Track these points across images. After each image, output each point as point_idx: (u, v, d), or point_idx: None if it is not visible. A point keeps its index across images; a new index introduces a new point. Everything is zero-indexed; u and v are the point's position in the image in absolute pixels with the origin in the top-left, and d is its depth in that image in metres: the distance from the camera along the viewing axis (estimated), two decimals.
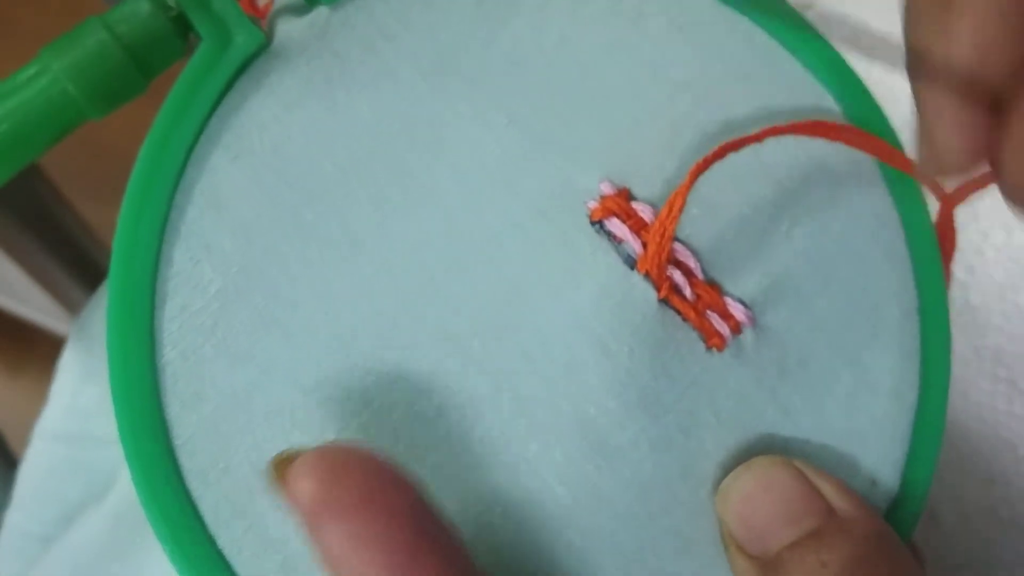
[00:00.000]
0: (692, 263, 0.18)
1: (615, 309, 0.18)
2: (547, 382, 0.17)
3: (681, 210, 0.17)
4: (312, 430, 0.16)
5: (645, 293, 0.18)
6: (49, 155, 0.18)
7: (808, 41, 0.20)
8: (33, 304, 0.63)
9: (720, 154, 0.18)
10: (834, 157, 0.19)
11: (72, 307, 0.59)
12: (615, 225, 0.18)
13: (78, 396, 0.30)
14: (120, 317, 0.16)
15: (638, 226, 0.18)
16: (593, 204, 0.18)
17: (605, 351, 0.17)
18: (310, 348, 0.17)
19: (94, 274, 0.55)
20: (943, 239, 0.20)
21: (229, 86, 0.18)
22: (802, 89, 0.20)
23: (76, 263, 0.54)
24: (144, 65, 0.17)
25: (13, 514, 0.33)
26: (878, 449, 0.19)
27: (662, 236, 0.18)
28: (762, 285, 0.19)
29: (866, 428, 0.19)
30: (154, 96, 0.18)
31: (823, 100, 0.20)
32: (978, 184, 0.19)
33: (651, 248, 0.18)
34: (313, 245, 0.17)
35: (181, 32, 0.17)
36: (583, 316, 0.18)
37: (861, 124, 0.20)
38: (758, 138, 0.18)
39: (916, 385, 0.19)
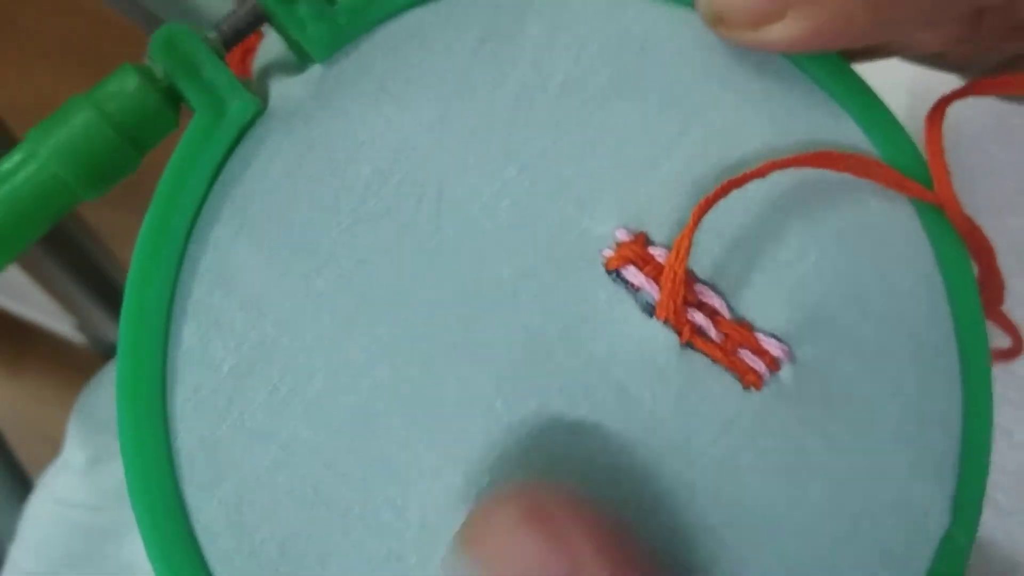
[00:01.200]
0: (717, 303, 0.18)
1: (633, 356, 0.17)
2: (573, 434, 0.17)
3: (688, 252, 0.17)
4: (337, 504, 0.16)
5: (666, 339, 0.18)
6: None
7: (820, 60, 0.19)
8: (33, 304, 0.63)
9: (723, 193, 0.17)
10: (856, 180, 0.19)
11: (72, 307, 0.59)
12: (631, 273, 0.18)
13: (91, 475, 0.29)
14: (131, 403, 0.16)
15: (656, 272, 0.18)
16: (608, 252, 0.18)
17: (626, 397, 0.17)
18: (330, 420, 0.16)
19: (94, 274, 0.55)
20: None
21: (227, 156, 0.17)
22: (819, 110, 0.19)
23: (76, 263, 0.54)
24: (136, 141, 0.16)
25: (15, 552, 0.32)
26: (930, 481, 0.18)
27: (673, 281, 0.17)
28: (796, 318, 0.18)
29: (917, 460, 0.18)
30: None
31: (840, 120, 0.19)
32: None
33: (665, 294, 0.17)
34: (326, 313, 0.17)
35: (172, 104, 0.17)
36: (602, 364, 0.17)
37: (879, 144, 0.19)
38: (760, 173, 0.17)
39: (960, 413, 0.19)
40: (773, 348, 0.18)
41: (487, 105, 0.18)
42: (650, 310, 0.18)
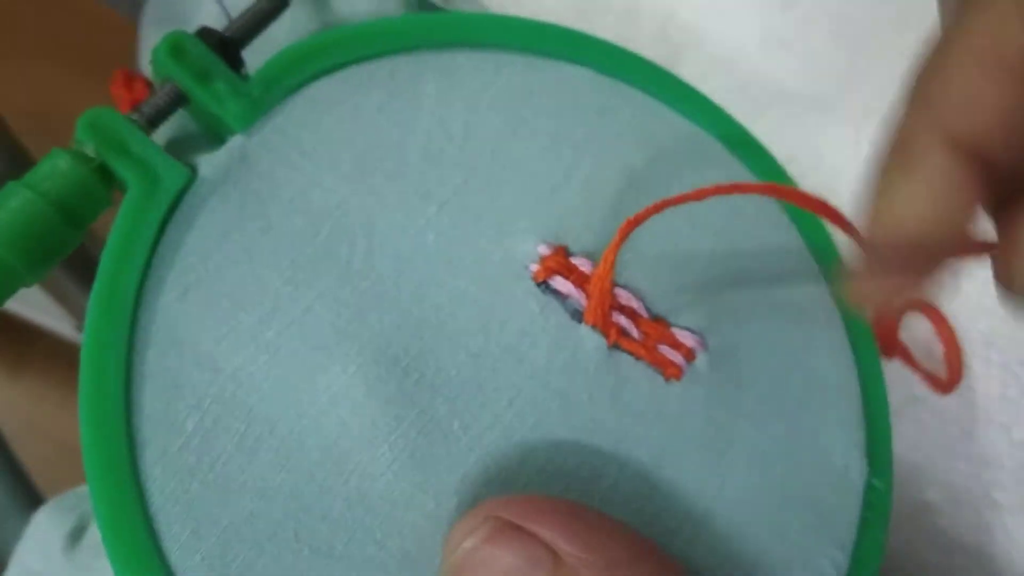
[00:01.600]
0: (635, 304, 0.19)
1: (569, 361, 0.19)
2: (524, 445, 0.18)
3: (613, 264, 0.18)
4: (320, 545, 0.17)
5: (595, 342, 0.19)
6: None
7: (688, 96, 0.22)
8: (33, 304, 0.63)
9: (654, 211, 0.18)
10: (742, 199, 0.21)
11: (72, 307, 0.59)
12: (559, 283, 0.19)
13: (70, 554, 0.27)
14: (101, 476, 0.16)
15: (580, 280, 0.19)
16: (535, 267, 0.19)
17: (566, 402, 0.18)
18: (300, 463, 0.17)
19: (94, 275, 0.55)
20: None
21: (164, 223, 0.18)
22: (688, 138, 0.22)
23: (77, 264, 0.54)
24: (74, 219, 0.17)
25: None
26: (842, 438, 0.20)
27: (600, 290, 0.19)
28: (704, 312, 0.20)
29: (826, 421, 0.20)
30: None
31: (711, 147, 0.22)
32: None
33: (592, 301, 0.19)
34: (280, 361, 0.17)
35: (105, 181, 0.17)
36: (542, 373, 0.18)
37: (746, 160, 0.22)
38: (699, 196, 0.19)
39: (856, 374, 0.21)
40: (688, 340, 0.19)
41: (399, 154, 0.19)
42: (578, 316, 0.19)
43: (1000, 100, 0.15)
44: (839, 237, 0.22)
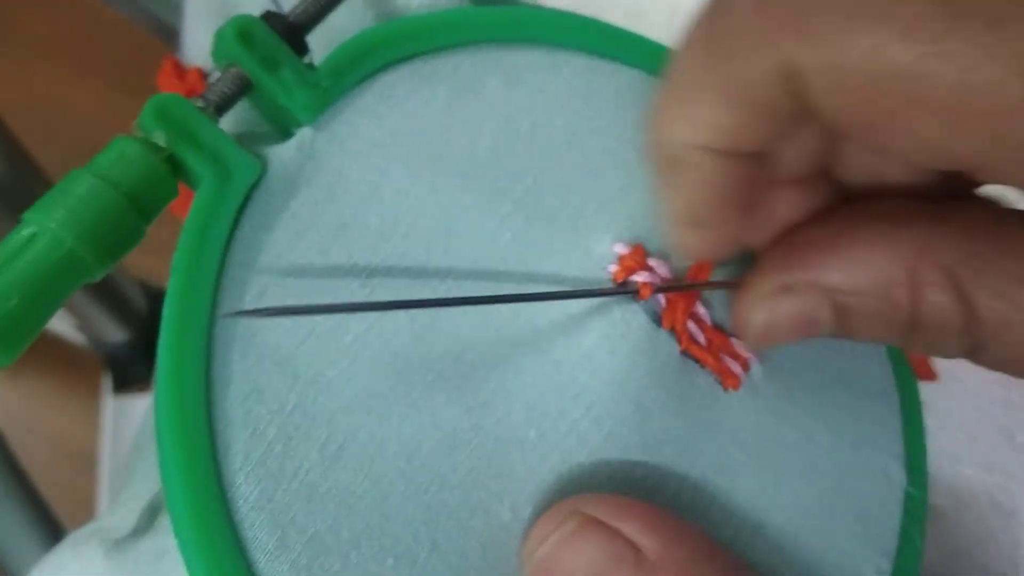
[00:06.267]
0: (701, 310, 0.19)
1: (648, 368, 0.18)
2: (595, 452, 0.18)
3: (710, 268, 0.18)
4: (405, 554, 0.16)
5: (671, 347, 0.19)
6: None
7: None
8: None
9: None
10: None
11: (72, 307, 0.59)
12: (643, 276, 0.19)
13: (126, 550, 0.25)
14: (184, 481, 0.15)
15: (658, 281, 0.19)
16: (613, 267, 0.19)
17: (641, 410, 0.18)
18: (382, 471, 0.16)
19: None
20: None
21: (236, 220, 0.17)
22: None
23: None
24: (145, 211, 0.16)
25: None
26: (883, 447, 0.21)
27: (688, 294, 0.19)
28: None
29: (869, 431, 0.21)
30: None
31: None
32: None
33: (680, 304, 0.18)
34: (358, 366, 0.17)
35: (173, 172, 0.16)
36: (621, 380, 0.18)
37: None
38: None
39: (894, 386, 0.22)
40: (744, 350, 0.19)
41: (469, 152, 0.19)
42: (657, 319, 0.19)
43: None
44: None
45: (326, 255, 0.17)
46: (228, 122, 0.18)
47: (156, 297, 0.64)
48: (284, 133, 0.18)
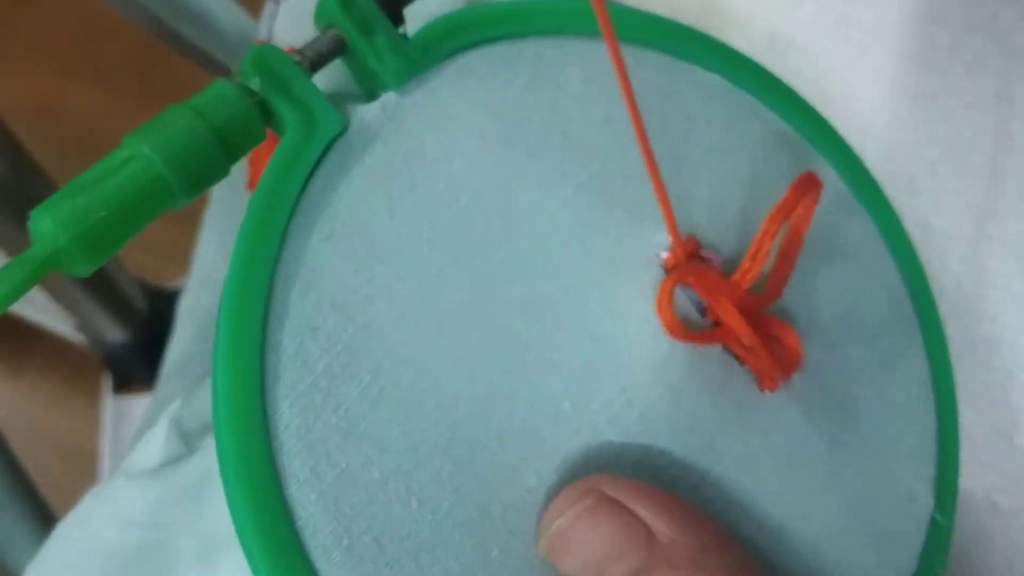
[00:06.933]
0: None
1: (687, 357, 0.19)
2: (624, 433, 0.18)
3: (766, 257, 0.19)
4: (428, 501, 0.17)
5: None
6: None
7: (819, 125, 0.23)
8: (33, 304, 0.63)
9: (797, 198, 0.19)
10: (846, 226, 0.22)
11: (72, 307, 0.59)
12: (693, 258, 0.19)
13: (158, 479, 0.26)
14: (231, 404, 0.16)
15: (708, 275, 0.19)
16: (666, 254, 0.19)
17: (675, 398, 0.19)
18: (418, 421, 0.17)
19: (94, 275, 0.55)
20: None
21: (314, 169, 0.18)
22: (788, 143, 0.22)
23: None
24: (230, 149, 0.17)
25: None
26: (913, 470, 0.21)
27: (741, 285, 0.19)
28: (798, 330, 0.20)
29: (900, 452, 0.21)
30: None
31: (814, 160, 0.22)
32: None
33: (728, 297, 0.19)
34: (409, 318, 0.18)
35: (263, 118, 0.18)
36: (660, 367, 0.19)
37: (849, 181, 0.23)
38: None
39: (933, 411, 0.22)
40: (787, 354, 0.19)
41: (541, 134, 0.20)
42: (702, 310, 0.19)
43: None
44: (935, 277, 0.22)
45: (392, 211, 0.18)
46: (320, 80, 0.19)
47: (156, 297, 0.64)
48: (370, 96, 0.19)
